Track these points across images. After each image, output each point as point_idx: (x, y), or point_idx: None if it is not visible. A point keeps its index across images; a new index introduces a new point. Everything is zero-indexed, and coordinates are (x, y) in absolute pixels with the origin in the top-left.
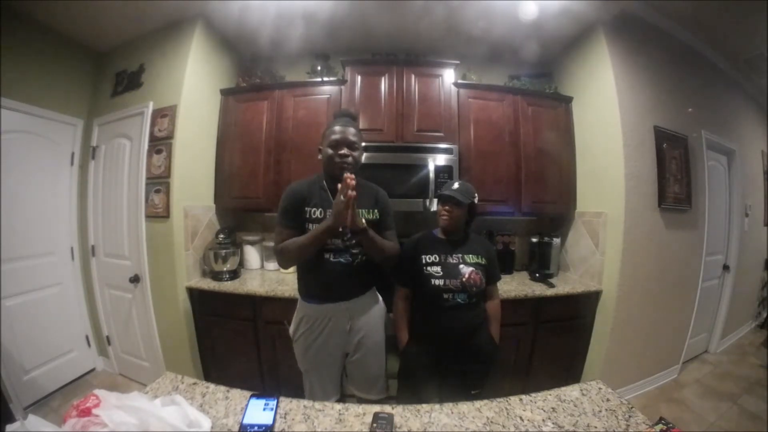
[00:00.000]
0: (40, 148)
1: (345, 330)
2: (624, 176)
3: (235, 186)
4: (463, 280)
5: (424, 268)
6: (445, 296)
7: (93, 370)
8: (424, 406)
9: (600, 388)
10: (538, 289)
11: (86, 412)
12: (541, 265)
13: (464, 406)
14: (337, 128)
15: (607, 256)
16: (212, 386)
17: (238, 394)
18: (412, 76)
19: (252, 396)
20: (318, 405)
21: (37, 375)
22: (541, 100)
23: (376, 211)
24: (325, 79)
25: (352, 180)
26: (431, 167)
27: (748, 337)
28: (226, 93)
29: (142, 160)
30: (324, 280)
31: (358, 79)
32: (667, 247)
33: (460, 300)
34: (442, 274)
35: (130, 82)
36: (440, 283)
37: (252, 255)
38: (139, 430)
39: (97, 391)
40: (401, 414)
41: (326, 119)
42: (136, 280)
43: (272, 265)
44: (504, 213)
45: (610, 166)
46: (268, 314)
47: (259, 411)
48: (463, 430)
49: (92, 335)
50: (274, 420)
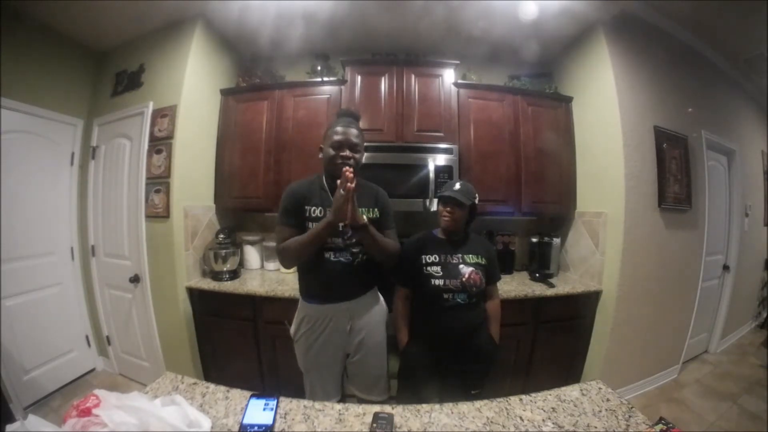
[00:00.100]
0: (40, 148)
1: (345, 330)
2: (624, 176)
3: (235, 186)
4: (463, 280)
5: (424, 268)
6: (445, 296)
7: (93, 370)
8: (424, 406)
9: (600, 388)
10: (538, 289)
11: (86, 412)
12: (541, 265)
13: (464, 406)
14: (339, 129)
15: (607, 256)
16: (212, 386)
17: (238, 394)
18: (412, 76)
19: (252, 396)
20: (318, 405)
21: (37, 375)
22: (541, 100)
23: (376, 211)
24: (325, 79)
25: (351, 172)
26: (431, 167)
27: (748, 337)
28: (226, 93)
29: (142, 160)
30: (324, 280)
31: (358, 79)
32: (667, 247)
33: (460, 300)
34: (442, 274)
35: (130, 82)
36: (440, 283)
37: (252, 255)
38: (139, 430)
39: (97, 391)
40: (401, 414)
41: (326, 119)
42: (136, 280)
43: (272, 265)
44: (504, 213)
45: (610, 166)
46: (268, 314)
47: (259, 411)
48: (463, 430)
49: (92, 335)
50: (274, 420)
